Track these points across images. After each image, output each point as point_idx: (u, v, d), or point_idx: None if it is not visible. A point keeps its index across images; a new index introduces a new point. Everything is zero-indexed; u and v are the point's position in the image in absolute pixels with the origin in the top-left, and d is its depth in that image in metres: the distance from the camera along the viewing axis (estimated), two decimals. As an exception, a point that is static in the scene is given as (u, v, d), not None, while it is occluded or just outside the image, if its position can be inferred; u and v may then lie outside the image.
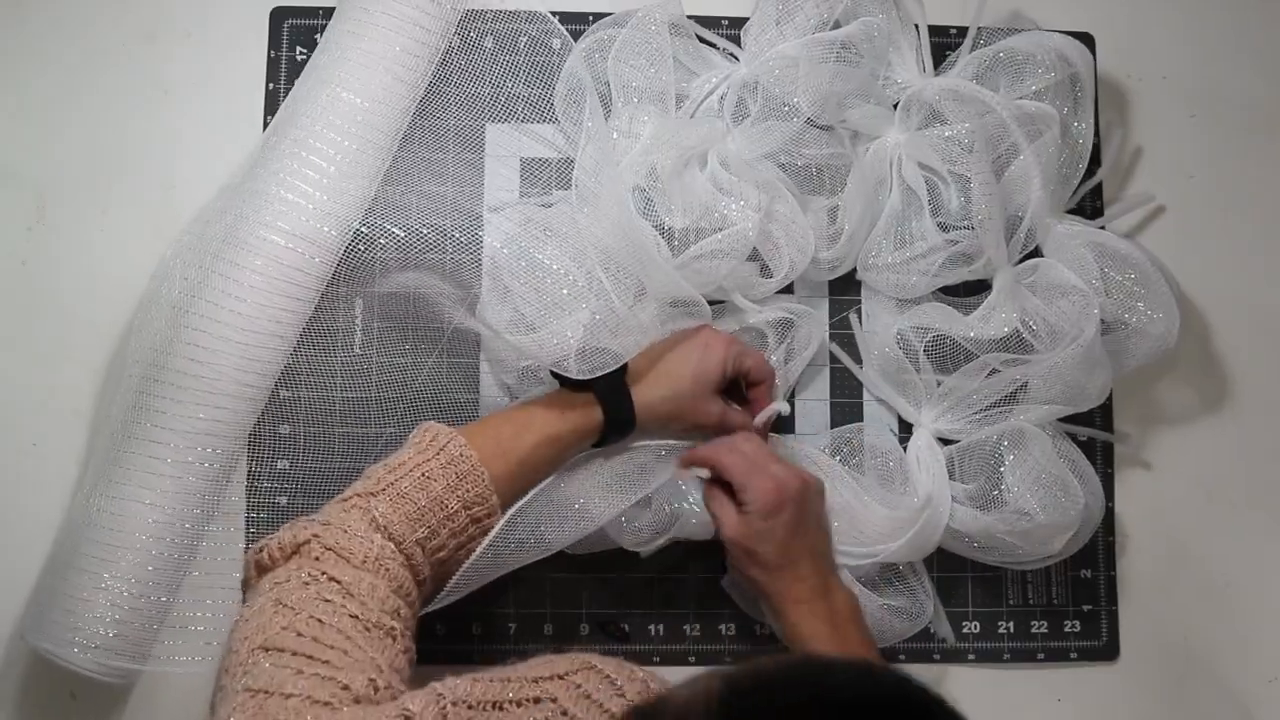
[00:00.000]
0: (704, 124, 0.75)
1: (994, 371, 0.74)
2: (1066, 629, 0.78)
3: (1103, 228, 0.79)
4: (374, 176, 0.72)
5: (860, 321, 0.78)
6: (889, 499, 0.73)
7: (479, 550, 0.62)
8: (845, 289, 0.79)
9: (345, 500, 0.58)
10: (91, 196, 0.76)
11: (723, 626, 0.76)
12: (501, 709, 0.46)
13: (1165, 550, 0.80)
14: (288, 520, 0.72)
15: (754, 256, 0.74)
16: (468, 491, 0.60)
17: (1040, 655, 0.78)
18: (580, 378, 0.66)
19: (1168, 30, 0.84)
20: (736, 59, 0.78)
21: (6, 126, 0.77)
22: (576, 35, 0.77)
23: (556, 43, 0.77)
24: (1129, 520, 0.80)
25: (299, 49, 0.78)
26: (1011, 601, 0.78)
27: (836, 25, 0.75)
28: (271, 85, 0.77)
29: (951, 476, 0.74)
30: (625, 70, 0.75)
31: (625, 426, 0.67)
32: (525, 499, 0.64)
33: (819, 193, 0.76)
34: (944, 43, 0.80)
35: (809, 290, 0.79)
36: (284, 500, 0.74)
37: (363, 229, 0.71)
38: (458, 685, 0.46)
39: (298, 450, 0.74)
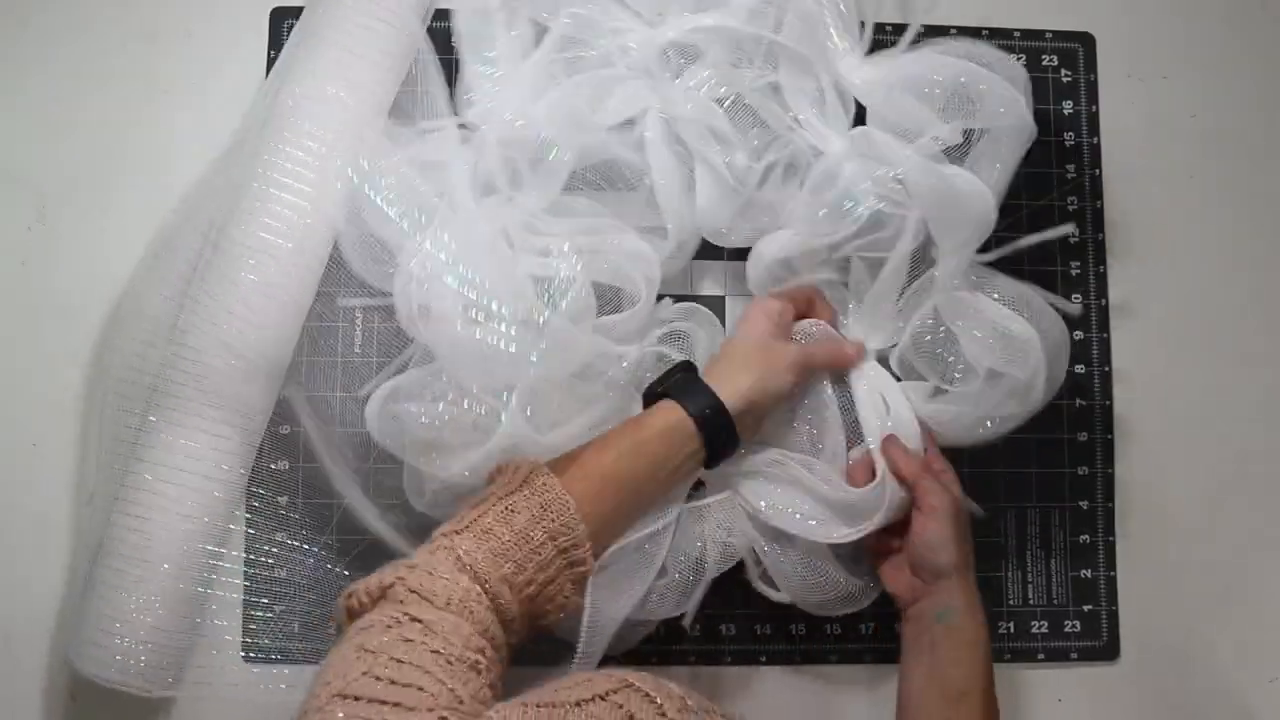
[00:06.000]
0: (487, 205, 0.70)
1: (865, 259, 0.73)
2: (1066, 629, 0.78)
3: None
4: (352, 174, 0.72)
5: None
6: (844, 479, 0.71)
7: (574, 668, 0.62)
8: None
9: (433, 542, 0.57)
10: (91, 196, 0.76)
11: (723, 627, 0.76)
12: None
13: (1165, 550, 0.80)
14: (286, 521, 0.73)
15: (613, 296, 0.72)
16: (553, 521, 0.59)
17: (1040, 655, 0.78)
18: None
19: (1168, 30, 0.84)
20: (465, 127, 0.72)
21: (6, 126, 0.77)
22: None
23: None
24: (1129, 521, 0.80)
25: (299, 49, 0.78)
26: (1011, 601, 0.78)
27: (538, 44, 0.72)
28: (271, 85, 0.77)
29: (913, 376, 0.73)
30: (388, 202, 0.69)
31: (717, 417, 0.65)
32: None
33: (632, 197, 0.73)
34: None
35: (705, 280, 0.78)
36: (284, 500, 0.74)
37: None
38: (510, 715, 0.45)
39: (298, 451, 0.74)
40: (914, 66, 0.72)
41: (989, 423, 0.71)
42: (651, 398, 0.68)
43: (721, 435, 0.66)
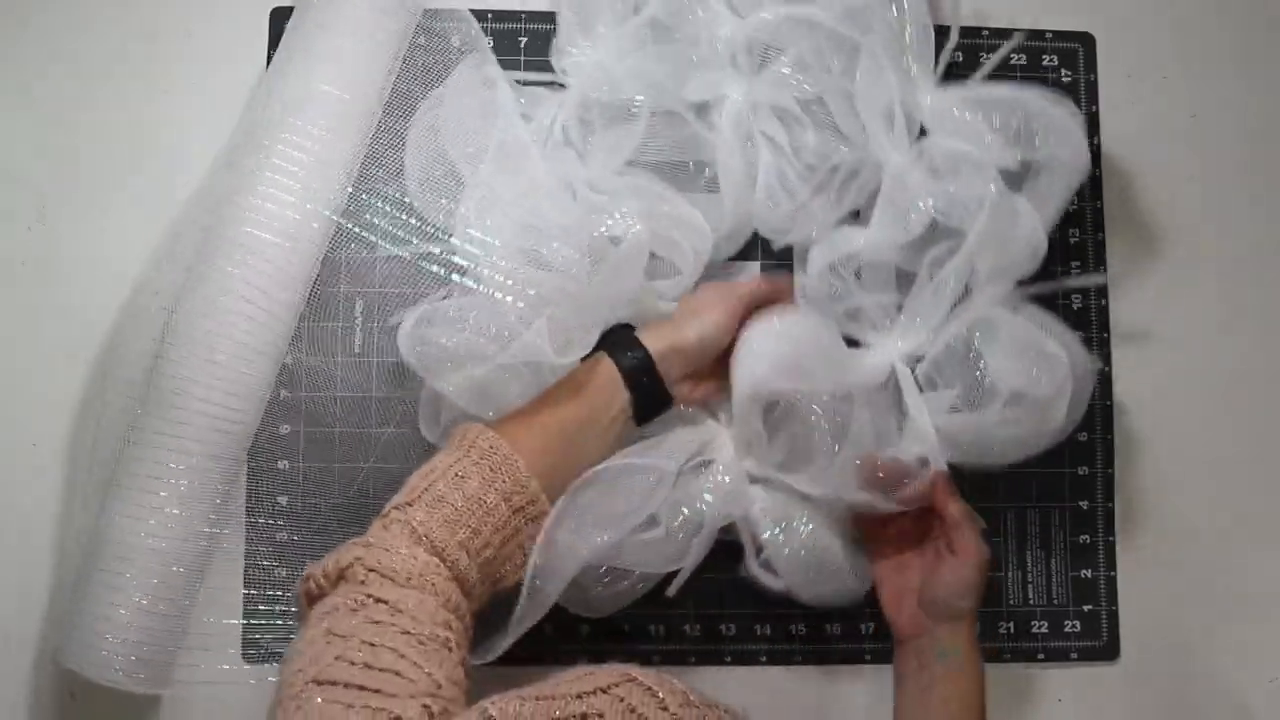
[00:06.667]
0: (556, 157, 0.74)
1: (933, 274, 0.73)
2: (1066, 629, 0.78)
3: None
4: (351, 171, 0.72)
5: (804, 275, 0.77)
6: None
7: (514, 623, 0.62)
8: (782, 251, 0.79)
9: (385, 516, 0.57)
10: (91, 196, 0.77)
11: (723, 627, 0.76)
12: None
13: (1165, 550, 0.80)
14: (287, 521, 0.73)
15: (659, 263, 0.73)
16: (504, 482, 0.59)
17: (1040, 655, 0.78)
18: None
19: (1168, 30, 0.84)
20: (561, 85, 0.76)
21: (7, 126, 0.77)
22: (546, 35, 0.78)
23: (456, 40, 0.76)
24: (1129, 520, 0.80)
25: (299, 49, 0.78)
26: (1011, 601, 0.78)
27: (637, 12, 0.75)
28: (271, 85, 0.77)
29: (935, 387, 0.73)
30: (462, 141, 0.72)
31: (642, 368, 0.66)
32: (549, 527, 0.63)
33: (693, 179, 0.76)
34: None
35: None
36: (284, 500, 0.74)
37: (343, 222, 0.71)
38: (507, 707, 0.45)
39: (298, 450, 0.74)
40: (981, 94, 0.73)
41: (1004, 445, 0.70)
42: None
43: (647, 385, 0.66)
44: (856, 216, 0.77)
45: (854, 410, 0.70)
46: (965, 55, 0.81)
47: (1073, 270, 0.80)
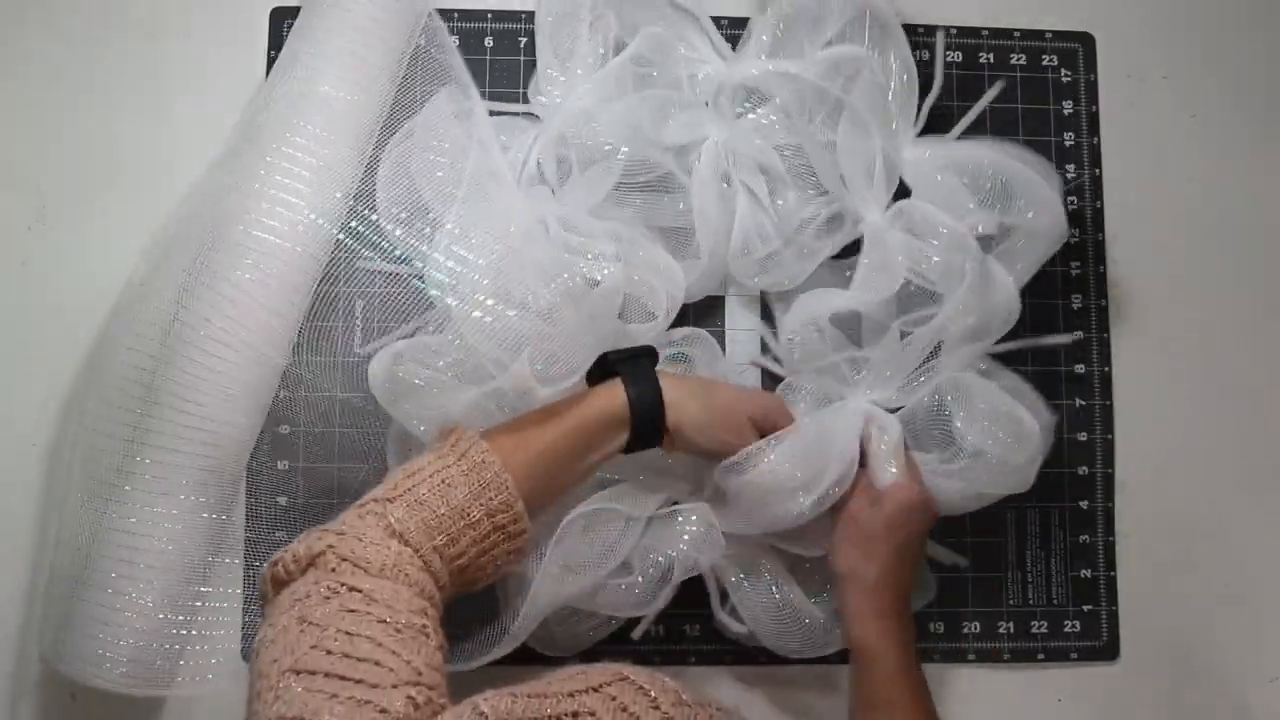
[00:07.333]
0: (529, 193, 0.72)
1: (906, 334, 0.72)
2: (1066, 629, 0.78)
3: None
4: (354, 175, 0.71)
5: (774, 323, 0.77)
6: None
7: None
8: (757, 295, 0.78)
9: (362, 506, 0.57)
10: (91, 196, 0.77)
11: (723, 626, 0.76)
12: None
13: (1165, 550, 0.80)
14: (287, 521, 0.73)
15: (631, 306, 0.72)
16: (491, 499, 0.59)
17: (1040, 655, 0.78)
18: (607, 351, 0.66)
19: (1168, 30, 0.84)
20: (537, 117, 0.76)
21: (6, 126, 0.77)
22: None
23: (456, 39, 0.76)
24: (1129, 519, 0.80)
25: (299, 49, 0.78)
26: (1011, 601, 0.78)
27: (621, 48, 0.74)
28: (271, 85, 0.77)
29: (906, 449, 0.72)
30: (433, 173, 0.70)
31: (653, 411, 0.65)
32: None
33: (668, 222, 0.74)
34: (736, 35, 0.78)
35: (738, 304, 0.78)
36: (284, 500, 0.74)
37: (351, 225, 0.70)
38: (498, 704, 0.45)
39: (298, 450, 0.74)
40: (961, 154, 0.74)
41: (966, 500, 0.71)
42: (603, 365, 0.67)
43: (648, 431, 0.65)
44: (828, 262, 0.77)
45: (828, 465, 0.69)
46: (964, 55, 0.81)
47: (1073, 269, 0.80)
